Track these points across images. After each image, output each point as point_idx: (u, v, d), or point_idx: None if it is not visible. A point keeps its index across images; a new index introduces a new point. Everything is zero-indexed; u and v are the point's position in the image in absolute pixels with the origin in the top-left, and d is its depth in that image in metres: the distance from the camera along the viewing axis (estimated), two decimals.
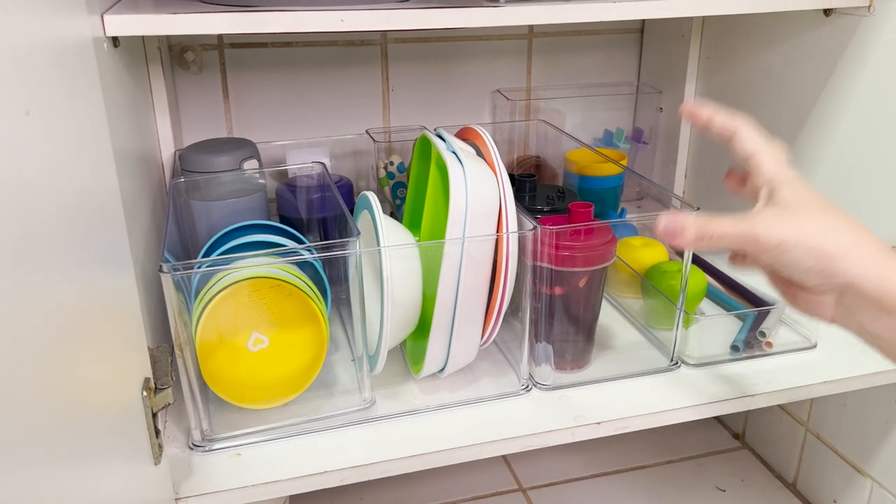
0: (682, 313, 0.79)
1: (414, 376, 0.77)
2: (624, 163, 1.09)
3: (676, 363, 0.81)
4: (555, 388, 0.77)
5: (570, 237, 0.74)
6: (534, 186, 0.92)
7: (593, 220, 0.75)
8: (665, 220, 0.54)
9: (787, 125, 0.96)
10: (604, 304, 0.82)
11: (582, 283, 0.75)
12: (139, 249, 0.70)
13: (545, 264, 0.73)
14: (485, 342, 0.75)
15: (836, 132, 0.89)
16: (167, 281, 0.62)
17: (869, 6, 0.82)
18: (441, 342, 0.72)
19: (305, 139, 1.10)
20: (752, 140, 0.57)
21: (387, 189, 1.04)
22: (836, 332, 0.56)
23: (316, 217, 0.95)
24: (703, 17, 1.10)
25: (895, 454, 0.87)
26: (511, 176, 0.87)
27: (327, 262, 0.79)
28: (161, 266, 0.62)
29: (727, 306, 0.92)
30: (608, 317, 0.90)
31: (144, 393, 0.55)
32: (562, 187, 0.95)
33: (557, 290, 0.75)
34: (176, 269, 0.63)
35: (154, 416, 0.57)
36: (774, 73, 0.98)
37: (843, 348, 0.83)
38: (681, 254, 0.77)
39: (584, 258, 0.74)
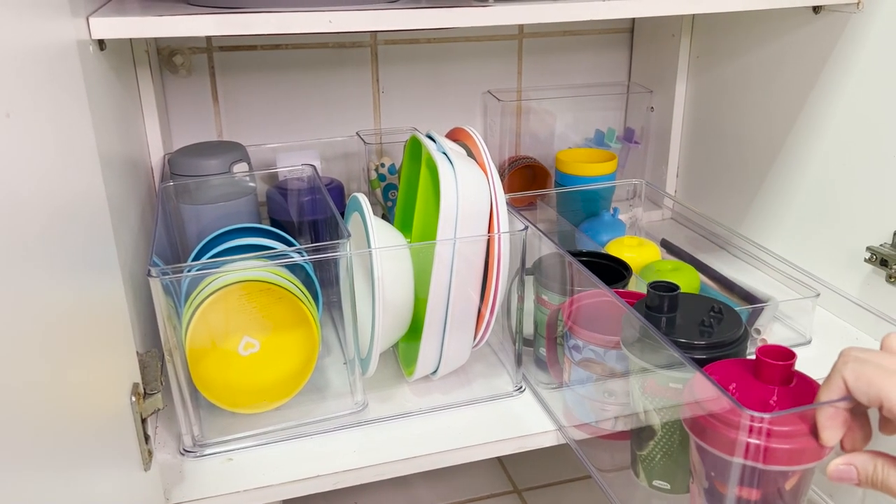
0: None
1: (406, 379, 0.77)
2: (615, 162, 1.09)
3: None
4: None
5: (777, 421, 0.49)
6: (674, 304, 0.62)
7: (806, 379, 0.51)
8: (834, 470, 0.51)
9: (778, 122, 0.96)
10: None
11: (788, 486, 0.53)
12: (128, 254, 0.70)
13: (741, 460, 0.50)
14: (477, 344, 0.75)
15: (827, 129, 0.89)
16: (156, 285, 0.62)
17: (857, 3, 0.82)
18: (433, 344, 0.71)
19: (296, 142, 1.10)
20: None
21: (378, 191, 1.03)
22: (831, 327, 0.56)
23: (307, 220, 0.94)
24: (693, 16, 1.11)
25: (890, 450, 0.87)
26: (644, 300, 0.64)
27: (318, 265, 0.79)
28: (149, 270, 0.62)
29: None
30: None
31: (133, 398, 0.55)
32: (717, 303, 0.64)
33: (755, 496, 0.52)
34: (165, 273, 0.62)
35: (143, 421, 0.56)
36: (765, 71, 0.98)
37: (838, 343, 0.83)
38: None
39: (791, 452, 0.50)
